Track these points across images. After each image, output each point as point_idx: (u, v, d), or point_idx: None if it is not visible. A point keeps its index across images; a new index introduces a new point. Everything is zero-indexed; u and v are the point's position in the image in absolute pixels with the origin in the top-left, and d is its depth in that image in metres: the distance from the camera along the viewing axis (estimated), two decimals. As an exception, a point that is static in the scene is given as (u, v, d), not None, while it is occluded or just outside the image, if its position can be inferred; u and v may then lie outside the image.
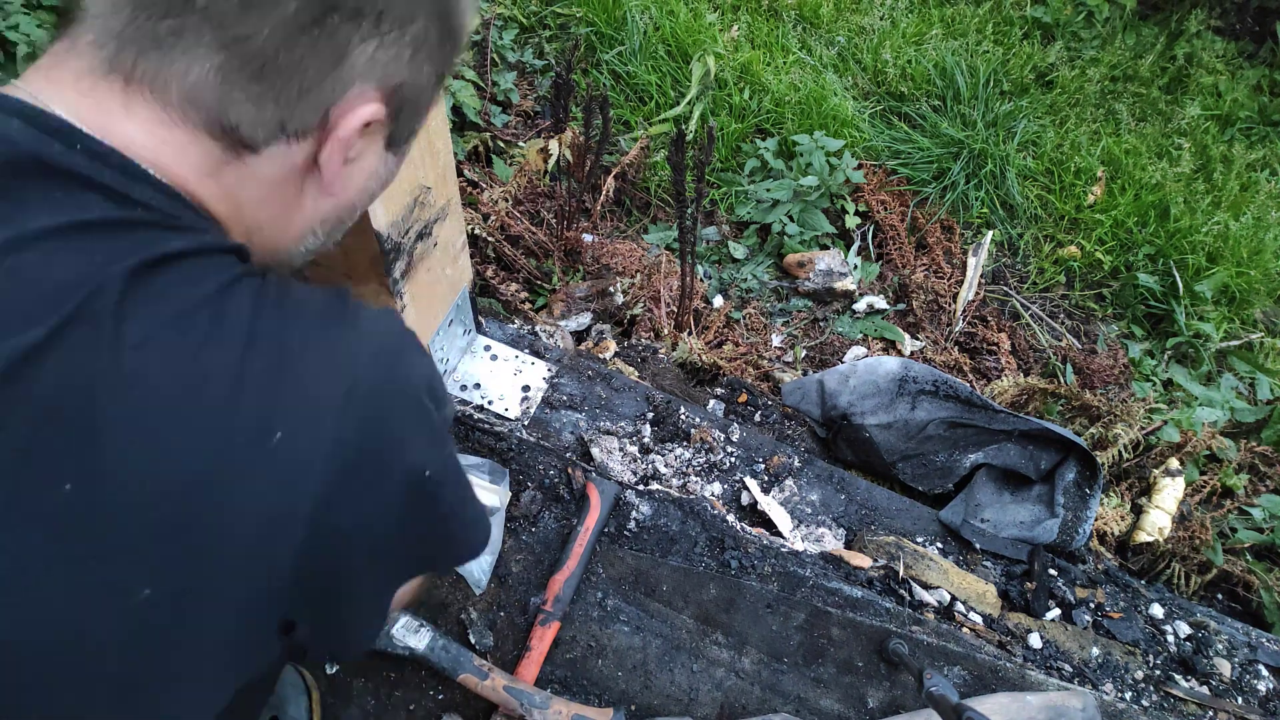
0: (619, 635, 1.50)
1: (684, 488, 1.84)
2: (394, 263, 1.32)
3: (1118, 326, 3.01)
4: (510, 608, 1.50)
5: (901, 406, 2.14)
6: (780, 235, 2.96)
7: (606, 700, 1.43)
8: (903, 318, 2.91)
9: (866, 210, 3.12)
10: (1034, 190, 3.26)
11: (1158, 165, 3.37)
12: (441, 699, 1.39)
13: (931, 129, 3.33)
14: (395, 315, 0.71)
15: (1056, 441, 2.06)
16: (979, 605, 1.80)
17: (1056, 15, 4.01)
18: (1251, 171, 3.51)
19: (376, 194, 0.80)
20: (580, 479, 1.66)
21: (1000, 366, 2.73)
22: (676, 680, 1.47)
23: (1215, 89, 3.87)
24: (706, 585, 1.58)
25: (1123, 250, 3.11)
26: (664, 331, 2.44)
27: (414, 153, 1.27)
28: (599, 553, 1.59)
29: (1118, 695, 1.73)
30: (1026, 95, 3.57)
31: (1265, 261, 3.04)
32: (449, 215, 1.46)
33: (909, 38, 3.71)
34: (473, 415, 1.71)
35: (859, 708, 1.50)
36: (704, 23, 3.46)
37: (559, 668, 1.45)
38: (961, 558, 1.92)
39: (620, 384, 1.96)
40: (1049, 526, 1.96)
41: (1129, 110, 3.70)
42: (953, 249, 3.07)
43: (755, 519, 1.84)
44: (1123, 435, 2.27)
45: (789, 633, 1.55)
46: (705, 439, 1.92)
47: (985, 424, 2.08)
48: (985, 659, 1.58)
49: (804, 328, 2.82)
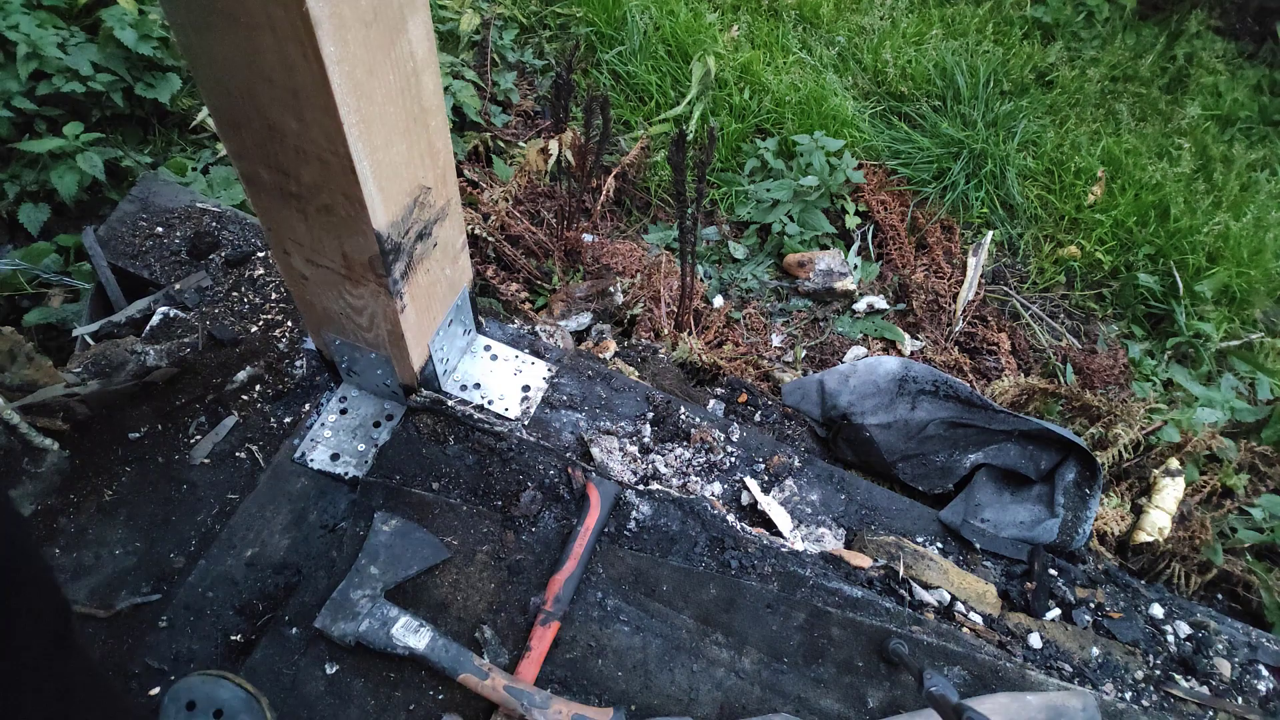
0: (619, 635, 1.50)
1: (684, 488, 1.84)
2: (393, 263, 1.32)
3: (1118, 326, 3.01)
4: (510, 608, 1.50)
5: (901, 406, 2.13)
6: (780, 235, 2.96)
7: (606, 700, 1.43)
8: (903, 318, 2.91)
9: (866, 210, 3.12)
10: (1034, 190, 3.26)
11: (1158, 165, 3.37)
12: (441, 699, 1.39)
13: (931, 129, 3.33)
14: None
15: (1056, 442, 2.06)
16: (979, 605, 1.80)
17: (1056, 15, 4.01)
18: (1252, 171, 3.51)
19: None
20: (580, 479, 1.66)
21: (1000, 366, 2.73)
22: (676, 680, 1.47)
23: (1215, 89, 3.87)
24: (706, 585, 1.58)
25: (1123, 250, 3.11)
26: (664, 331, 2.44)
27: (414, 153, 1.27)
28: (599, 553, 1.59)
29: (1118, 695, 1.73)
30: (1026, 95, 3.57)
31: (1265, 261, 3.04)
32: (449, 215, 1.46)
33: (909, 38, 3.71)
34: (473, 415, 1.71)
35: (859, 708, 1.50)
36: (704, 23, 3.46)
37: (559, 668, 1.45)
38: (961, 558, 1.92)
39: (620, 384, 1.96)
40: (1049, 526, 1.96)
41: (1129, 110, 3.70)
42: (953, 249, 3.07)
43: (755, 519, 1.84)
44: (1123, 435, 2.27)
45: (789, 633, 1.55)
46: (705, 439, 1.92)
47: (985, 424, 2.07)
48: (985, 659, 1.58)
49: (804, 328, 2.82)
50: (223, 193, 2.45)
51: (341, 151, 1.09)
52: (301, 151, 1.13)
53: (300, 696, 1.36)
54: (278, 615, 1.45)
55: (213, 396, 1.77)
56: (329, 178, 1.15)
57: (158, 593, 1.52)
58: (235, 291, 1.99)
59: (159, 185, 2.20)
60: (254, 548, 1.55)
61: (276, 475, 1.64)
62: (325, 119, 1.04)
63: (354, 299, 1.43)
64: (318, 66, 0.97)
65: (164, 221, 2.12)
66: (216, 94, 1.11)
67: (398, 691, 1.38)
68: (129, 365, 1.78)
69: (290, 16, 0.91)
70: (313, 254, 1.36)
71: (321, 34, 0.93)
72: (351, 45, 1.00)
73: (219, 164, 2.64)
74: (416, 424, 1.70)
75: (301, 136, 1.10)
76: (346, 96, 1.02)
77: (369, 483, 1.60)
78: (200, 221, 2.13)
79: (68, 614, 0.85)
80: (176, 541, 1.58)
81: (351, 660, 1.40)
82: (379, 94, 1.10)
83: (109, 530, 1.58)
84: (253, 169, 1.22)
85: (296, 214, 1.27)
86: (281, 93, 1.04)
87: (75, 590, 1.51)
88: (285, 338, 1.89)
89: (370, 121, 1.10)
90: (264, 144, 1.15)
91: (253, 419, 1.75)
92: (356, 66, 1.03)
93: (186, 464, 1.68)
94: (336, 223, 1.25)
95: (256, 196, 1.28)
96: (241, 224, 2.14)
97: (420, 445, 1.68)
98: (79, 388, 1.67)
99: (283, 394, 1.79)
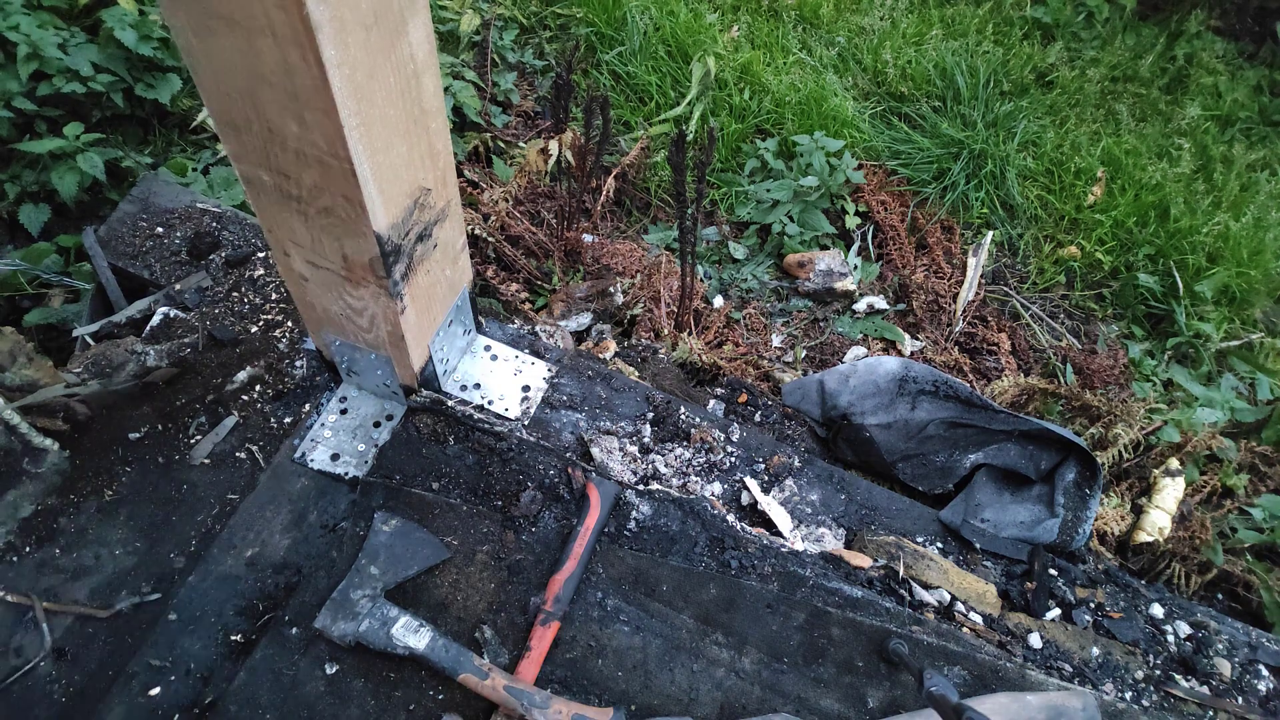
0: (619, 635, 1.50)
1: (684, 488, 1.84)
2: (394, 265, 1.32)
3: (1118, 326, 3.01)
4: (510, 608, 1.50)
5: (901, 406, 2.14)
6: (780, 235, 2.96)
7: (606, 700, 1.43)
8: (903, 318, 2.91)
9: (866, 210, 3.12)
10: (1034, 190, 3.26)
11: (1158, 165, 3.37)
12: (441, 699, 1.39)
13: (931, 129, 3.33)
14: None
15: (1056, 442, 2.06)
16: (979, 605, 1.80)
17: (1056, 15, 4.01)
18: (1252, 172, 3.51)
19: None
20: (580, 479, 1.66)
21: (1000, 366, 2.73)
22: (676, 680, 1.47)
23: (1215, 89, 3.87)
24: (706, 585, 1.58)
25: (1123, 250, 3.11)
26: (664, 331, 2.44)
27: (414, 155, 1.27)
28: (599, 552, 1.59)
29: (1118, 695, 1.73)
30: (1026, 95, 3.57)
31: (1265, 262, 3.04)
32: (449, 217, 1.46)
33: (909, 38, 3.71)
34: (473, 415, 1.72)
35: (859, 708, 1.50)
36: (704, 23, 3.47)
37: (559, 667, 1.45)
38: (961, 558, 1.92)
39: (620, 384, 1.96)
40: (1049, 526, 1.96)
41: (1129, 110, 3.70)
42: (953, 249, 3.07)
43: (755, 519, 1.84)
44: (1123, 435, 2.27)
45: (789, 633, 1.55)
46: (705, 439, 1.92)
47: (985, 424, 2.08)
48: (985, 659, 1.58)
49: (804, 328, 2.82)
50: (223, 193, 2.45)
51: (342, 154, 1.09)
52: (302, 154, 1.13)
53: (300, 696, 1.37)
54: (278, 615, 1.45)
55: (213, 396, 1.77)
56: (329, 180, 1.15)
57: (158, 593, 1.52)
58: (235, 292, 1.99)
59: (159, 185, 2.20)
60: (254, 548, 1.55)
61: (276, 475, 1.64)
62: (325, 122, 1.04)
63: (354, 300, 1.44)
64: (318, 70, 0.97)
65: (164, 222, 2.12)
66: (216, 97, 1.11)
67: (398, 691, 1.39)
68: (129, 365, 1.78)
69: (290, 20, 0.91)
70: (313, 255, 1.36)
71: (322, 38, 0.93)
72: (352, 48, 1.00)
73: (219, 164, 2.64)
74: (416, 424, 1.70)
75: (302, 139, 1.10)
76: (347, 100, 1.03)
77: (369, 483, 1.61)
78: (200, 222, 2.13)
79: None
80: (176, 541, 1.59)
81: (351, 660, 1.40)
82: (379, 97, 1.10)
83: (109, 530, 1.58)
84: (253, 171, 1.22)
85: (297, 216, 1.27)
86: (282, 96, 1.04)
87: (75, 590, 1.51)
88: (285, 338, 1.89)
89: (371, 124, 1.10)
90: (264, 147, 1.15)
91: (253, 419, 1.76)
92: (357, 70, 1.03)
93: (186, 464, 1.68)
94: (337, 225, 1.25)
95: (257, 198, 1.28)
96: (242, 224, 2.14)
97: (420, 445, 1.68)
98: (79, 388, 1.68)
99: (283, 394, 1.79)
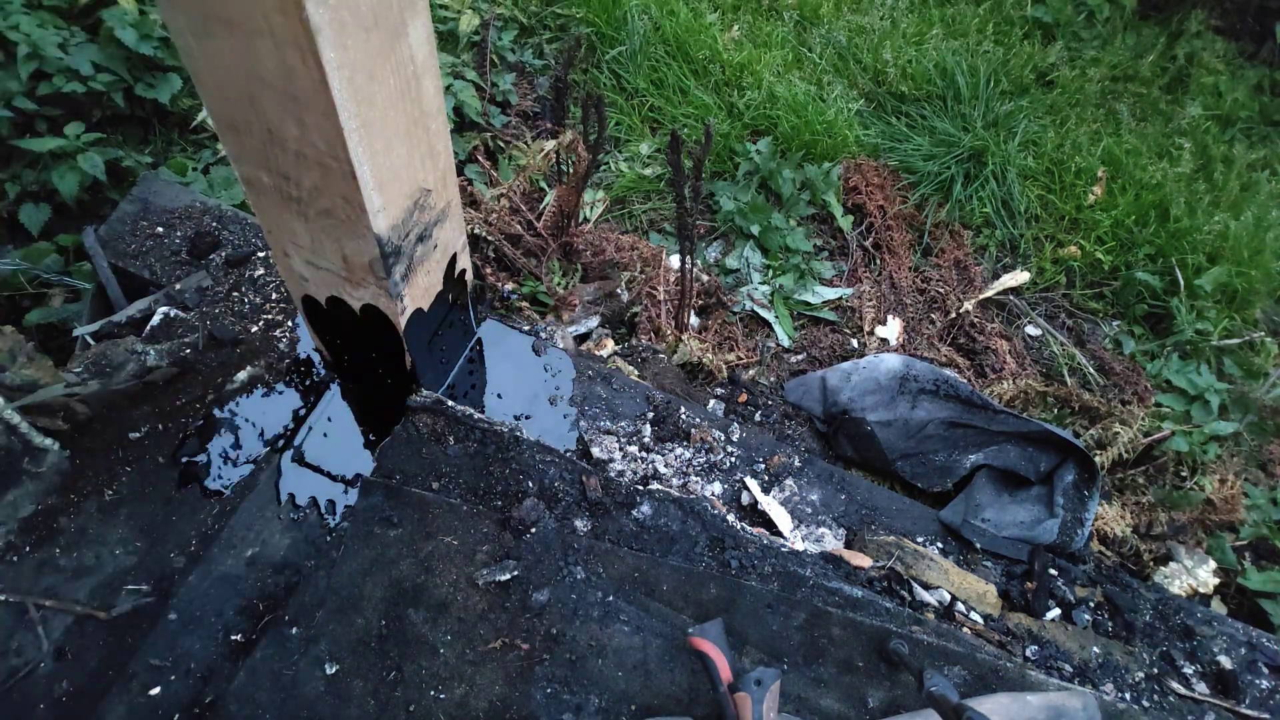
0: (619, 635, 1.50)
1: (684, 488, 1.84)
2: (394, 265, 1.32)
3: (1118, 325, 3.01)
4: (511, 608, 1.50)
5: (902, 405, 2.14)
6: (778, 235, 2.96)
7: (607, 700, 1.43)
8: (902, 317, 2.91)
9: (865, 211, 3.11)
10: (1034, 190, 3.25)
11: (1158, 165, 3.37)
12: (442, 699, 1.39)
13: (932, 129, 3.33)
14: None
15: (1056, 443, 2.06)
16: (979, 605, 1.80)
17: (1057, 15, 4.00)
18: (1252, 171, 3.51)
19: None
20: None
21: (1000, 367, 2.73)
22: (676, 680, 1.48)
23: (1216, 89, 3.86)
24: (707, 585, 1.58)
25: (1123, 250, 3.11)
26: (664, 332, 2.44)
27: (414, 156, 1.27)
28: (599, 552, 1.59)
29: (1118, 695, 1.73)
30: (1027, 95, 3.56)
31: (1266, 261, 3.04)
32: (449, 217, 1.46)
33: (909, 37, 3.71)
34: (473, 415, 1.72)
35: (859, 708, 1.50)
36: (704, 23, 3.46)
37: (559, 667, 1.45)
38: (962, 558, 1.92)
39: (620, 384, 1.96)
40: (1049, 527, 1.96)
41: (1129, 110, 3.70)
42: (953, 249, 3.07)
43: (755, 519, 1.84)
44: (1123, 434, 2.27)
45: (789, 633, 1.55)
46: (705, 439, 1.92)
47: (985, 425, 2.08)
48: (985, 659, 1.58)
49: (804, 328, 2.82)
50: (223, 193, 2.45)
51: (342, 156, 1.09)
52: (302, 156, 1.13)
53: (300, 696, 1.37)
54: (278, 615, 1.45)
55: (213, 396, 1.77)
56: (329, 182, 1.15)
57: (158, 592, 1.52)
58: (235, 291, 2.00)
59: (159, 185, 2.20)
60: (254, 547, 1.55)
61: (277, 475, 1.64)
62: (325, 124, 1.04)
63: (355, 301, 1.44)
64: (318, 72, 0.97)
65: (164, 221, 2.12)
66: (216, 99, 1.11)
67: (398, 691, 1.39)
68: (129, 365, 1.79)
69: (290, 23, 0.91)
70: (313, 256, 1.36)
71: (321, 40, 0.93)
72: (352, 51, 1.00)
73: (219, 164, 2.64)
74: (416, 424, 1.70)
75: (302, 141, 1.10)
76: (347, 102, 1.03)
77: (369, 482, 1.61)
78: (200, 221, 2.13)
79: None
80: (176, 541, 1.59)
81: (351, 660, 1.41)
82: (379, 98, 1.10)
83: (109, 530, 1.59)
84: (253, 172, 1.22)
85: (297, 217, 1.27)
86: (281, 98, 1.04)
87: (75, 590, 1.51)
88: (285, 338, 1.90)
89: (371, 126, 1.10)
90: (264, 148, 1.15)
91: (253, 418, 1.76)
92: (357, 72, 1.03)
93: (186, 464, 1.68)
94: (337, 226, 1.25)
95: (257, 199, 1.28)
96: (242, 224, 2.14)
97: (420, 445, 1.68)
98: (79, 388, 1.68)
99: (283, 394, 1.80)
